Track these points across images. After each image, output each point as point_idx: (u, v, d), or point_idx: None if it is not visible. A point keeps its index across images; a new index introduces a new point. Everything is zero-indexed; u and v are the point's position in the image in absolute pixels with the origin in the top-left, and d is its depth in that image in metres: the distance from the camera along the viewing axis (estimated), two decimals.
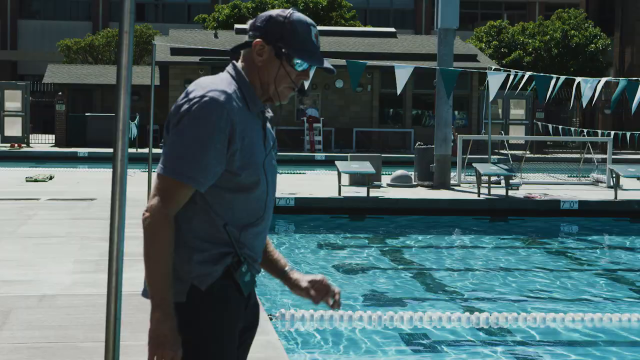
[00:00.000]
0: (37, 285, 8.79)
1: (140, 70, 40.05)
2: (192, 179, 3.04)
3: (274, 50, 3.18)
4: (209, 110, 3.05)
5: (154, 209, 3.05)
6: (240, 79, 3.21)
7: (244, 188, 3.15)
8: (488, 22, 50.37)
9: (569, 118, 43.94)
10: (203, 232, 3.13)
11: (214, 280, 3.12)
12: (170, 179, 3.05)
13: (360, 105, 39.33)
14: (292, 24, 3.19)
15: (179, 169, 3.04)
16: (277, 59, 3.19)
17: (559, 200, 18.04)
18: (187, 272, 3.11)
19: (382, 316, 9.16)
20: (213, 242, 3.13)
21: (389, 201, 17.85)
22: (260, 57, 3.20)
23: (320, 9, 48.56)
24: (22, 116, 37.96)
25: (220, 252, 3.14)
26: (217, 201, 3.12)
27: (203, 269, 3.11)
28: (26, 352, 6.38)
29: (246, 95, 3.19)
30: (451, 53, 20.47)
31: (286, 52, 3.18)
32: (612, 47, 48.29)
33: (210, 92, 3.08)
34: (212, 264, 3.13)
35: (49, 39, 58.37)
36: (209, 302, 3.12)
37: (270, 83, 3.23)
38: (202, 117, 3.05)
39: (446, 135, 20.45)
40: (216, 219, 3.13)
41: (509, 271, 12.95)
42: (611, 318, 9.32)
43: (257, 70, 3.22)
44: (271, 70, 3.21)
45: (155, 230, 3.05)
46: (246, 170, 3.12)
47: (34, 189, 18.99)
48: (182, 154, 3.05)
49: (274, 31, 3.18)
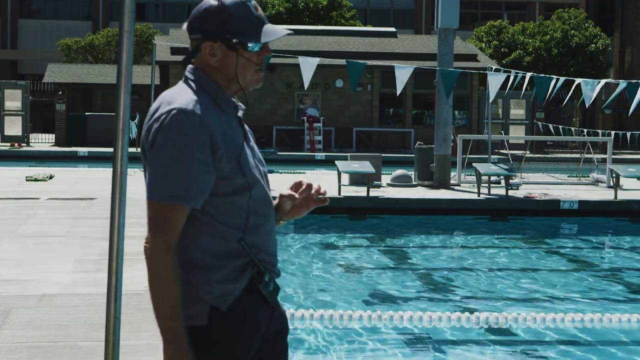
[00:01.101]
0: (37, 284, 8.79)
1: (140, 70, 40.04)
2: (183, 198, 2.87)
3: (224, 45, 3.02)
4: (180, 122, 2.88)
5: (152, 240, 2.88)
6: (203, 82, 3.04)
7: (242, 189, 3.00)
8: (488, 22, 50.36)
9: (569, 118, 43.95)
10: (214, 247, 2.97)
11: (235, 298, 2.98)
12: (160, 203, 2.88)
13: (360, 105, 39.32)
14: (227, 11, 3.01)
15: (167, 191, 2.87)
16: (232, 51, 3.03)
17: (559, 200, 18.04)
18: (207, 292, 2.96)
19: (382, 315, 9.16)
20: (228, 256, 2.98)
21: (389, 201, 17.85)
22: (214, 57, 3.04)
23: (320, 9, 48.56)
24: (22, 115, 37.95)
25: (238, 266, 2.99)
26: (220, 210, 2.98)
27: (224, 289, 2.97)
28: (26, 352, 6.38)
29: (215, 97, 3.03)
30: (451, 53, 20.47)
31: (237, 42, 3.02)
32: (612, 47, 48.28)
33: (176, 103, 2.92)
34: (232, 282, 2.98)
35: (49, 38, 58.39)
36: (234, 321, 2.99)
37: (234, 77, 3.06)
38: (175, 131, 2.87)
39: (446, 135, 20.45)
40: (224, 230, 2.98)
41: (509, 271, 12.95)
42: (611, 318, 9.32)
43: (216, 69, 3.06)
44: (230, 64, 3.04)
45: (156, 261, 2.87)
46: (239, 171, 2.98)
47: (34, 188, 18.98)
48: (165, 174, 2.87)
49: (214, 26, 3.01)
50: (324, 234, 15.94)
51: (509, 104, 40.81)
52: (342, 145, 37.76)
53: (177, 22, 56.20)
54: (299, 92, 38.35)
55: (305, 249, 14.29)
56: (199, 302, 2.95)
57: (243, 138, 3.07)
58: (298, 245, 14.54)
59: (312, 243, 14.90)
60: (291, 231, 15.83)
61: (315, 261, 13.25)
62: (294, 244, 14.57)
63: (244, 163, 3.01)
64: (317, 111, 38.19)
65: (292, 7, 48.07)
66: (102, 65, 43.93)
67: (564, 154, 35.25)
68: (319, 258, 13.59)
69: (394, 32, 43.31)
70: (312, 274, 12.27)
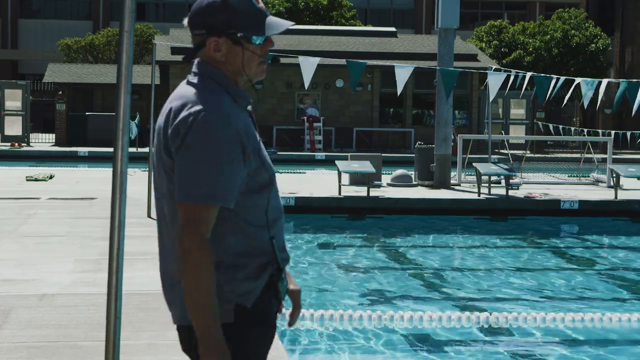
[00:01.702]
0: (38, 284, 8.80)
1: (140, 70, 40.04)
2: (219, 198, 2.88)
3: (229, 40, 3.03)
4: (211, 123, 2.89)
5: (188, 239, 2.86)
6: (218, 76, 3.05)
7: (265, 185, 3.03)
8: (488, 21, 50.34)
9: (569, 118, 43.95)
10: (238, 246, 2.98)
11: (258, 295, 3.01)
12: (196, 205, 2.87)
13: (360, 105, 39.31)
14: (231, 5, 3.02)
15: (203, 191, 2.87)
16: (237, 46, 3.03)
17: (559, 200, 18.04)
18: (230, 291, 2.97)
19: (382, 316, 9.16)
20: (251, 254, 3.00)
21: (389, 201, 17.85)
22: (219, 52, 3.04)
23: (320, 9, 48.56)
24: (22, 115, 37.95)
25: (261, 264, 3.02)
26: (245, 208, 2.99)
27: (246, 287, 2.99)
28: (26, 352, 6.38)
29: (231, 92, 3.05)
30: (451, 53, 20.47)
31: (242, 35, 3.02)
32: (612, 47, 48.27)
33: (204, 104, 2.93)
34: (254, 280, 3.00)
35: (50, 38, 58.38)
36: (255, 319, 3.02)
37: (241, 70, 3.06)
38: (207, 132, 2.88)
39: (446, 135, 20.45)
40: (247, 228, 3.00)
41: (509, 271, 12.95)
42: (611, 318, 9.31)
43: (222, 65, 3.06)
44: (236, 58, 3.05)
45: (195, 260, 2.85)
46: (262, 167, 3.01)
47: (34, 188, 18.99)
48: (200, 175, 2.87)
49: (218, 21, 3.02)
50: (324, 234, 15.94)
51: (509, 103, 40.81)
52: (342, 145, 37.76)
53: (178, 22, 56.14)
54: (299, 91, 38.35)
55: (305, 249, 14.28)
56: (223, 301, 2.96)
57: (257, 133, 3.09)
58: (298, 245, 14.53)
59: (312, 243, 14.89)
60: (291, 231, 15.83)
61: (315, 261, 13.25)
62: (294, 244, 14.57)
63: (264, 157, 3.04)
64: (318, 111, 38.19)
65: (292, 6, 48.08)
66: (103, 65, 43.94)
67: (564, 154, 35.25)
68: (319, 258, 13.58)
69: (394, 32, 43.31)
70: (312, 274, 12.26)
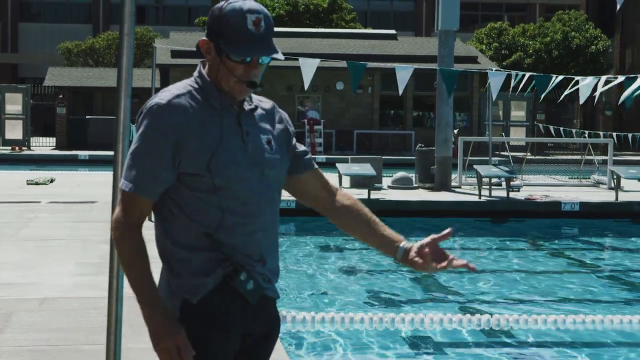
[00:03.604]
0: (39, 287, 8.80)
1: (140, 73, 40.04)
2: (139, 187, 2.97)
3: (213, 48, 3.05)
4: (151, 116, 2.98)
5: (115, 220, 3.01)
6: (201, 76, 3.09)
7: (219, 188, 2.98)
8: (488, 23, 50.36)
9: (569, 119, 43.95)
10: (184, 241, 3.00)
11: (207, 292, 2.98)
12: (123, 191, 2.99)
13: (360, 107, 39.32)
14: (225, 17, 3.02)
15: (128, 178, 2.98)
16: (218, 57, 3.05)
17: (560, 202, 18.04)
18: (179, 285, 3.00)
19: (383, 318, 9.16)
20: (196, 248, 2.99)
21: (390, 203, 17.85)
22: (209, 55, 3.08)
23: (320, 11, 48.59)
24: (22, 119, 37.97)
25: (209, 259, 2.98)
26: (193, 206, 2.99)
27: (194, 281, 2.98)
28: (28, 355, 6.38)
29: (207, 92, 3.05)
30: (452, 55, 20.47)
31: (223, 49, 3.03)
32: (612, 49, 48.29)
33: (158, 97, 3.01)
34: (203, 276, 2.98)
35: (50, 41, 58.40)
36: (202, 318, 2.99)
37: (217, 80, 3.07)
38: (146, 124, 2.98)
39: (447, 137, 20.45)
40: (194, 225, 2.99)
41: (510, 273, 12.95)
42: (612, 320, 9.31)
43: (211, 67, 3.09)
44: (214, 67, 3.07)
45: (118, 240, 2.99)
46: (217, 169, 2.97)
47: (34, 192, 18.99)
48: (130, 164, 2.99)
49: (213, 27, 3.05)
50: (326, 237, 15.94)
51: (510, 105, 40.82)
52: (342, 147, 37.76)
53: (178, 25, 56.23)
54: (300, 94, 38.36)
55: (307, 252, 14.29)
56: (172, 295, 2.99)
57: (240, 135, 3.04)
58: (299, 248, 14.54)
59: (313, 245, 14.90)
60: (292, 233, 15.84)
61: (316, 264, 13.25)
62: (295, 247, 14.57)
63: (218, 163, 2.98)
64: (318, 113, 38.19)
65: (292, 9, 48.10)
66: (103, 69, 43.96)
67: (564, 156, 35.26)
68: (321, 260, 13.59)
69: (394, 35, 43.32)
70: (314, 276, 12.26)
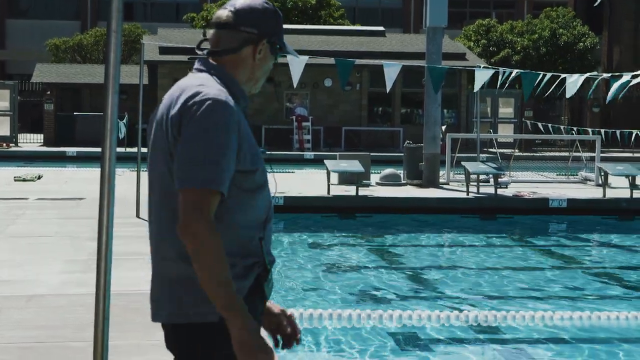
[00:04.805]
0: (26, 285, 8.78)
1: (128, 70, 39.96)
2: (216, 183, 2.90)
3: (269, 47, 3.14)
4: (217, 112, 2.93)
5: (194, 223, 2.87)
6: (225, 77, 3.11)
7: (260, 186, 3.08)
8: (477, 20, 50.41)
9: (557, 116, 44.03)
10: (230, 246, 2.97)
11: (244, 295, 2.99)
12: (196, 189, 2.89)
13: (349, 104, 39.33)
14: (279, 19, 3.16)
15: (202, 176, 2.89)
16: (272, 55, 3.15)
17: (548, 199, 18.08)
18: None
19: (372, 314, 9.17)
20: (242, 255, 3.02)
21: (378, 200, 17.86)
22: (259, 55, 3.13)
23: (309, 8, 48.56)
24: (10, 115, 37.83)
25: (248, 265, 3.03)
26: (239, 207, 3.01)
27: (234, 286, 2.95)
28: (16, 352, 6.37)
29: (236, 92, 3.09)
30: (440, 51, 20.49)
31: (279, 48, 3.15)
32: (600, 46, 48.40)
33: (208, 93, 2.97)
34: (242, 279, 3.00)
35: (38, 38, 58.18)
36: None
37: (261, 77, 3.18)
38: (210, 119, 2.92)
39: (435, 134, 20.47)
40: (240, 229, 3.01)
41: (498, 269, 12.98)
42: (599, 316, 9.35)
43: (248, 67, 3.14)
44: (265, 65, 3.16)
45: (207, 240, 2.86)
46: (258, 167, 3.05)
47: (22, 189, 18.94)
48: (203, 160, 2.90)
49: (271, 28, 3.12)
50: (314, 233, 15.95)
51: (498, 102, 40.88)
52: (331, 144, 37.75)
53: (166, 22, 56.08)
54: (288, 91, 38.34)
55: (295, 248, 14.29)
56: (208, 301, 2.94)
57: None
58: (288, 245, 14.53)
59: (301, 242, 14.90)
60: (281, 230, 15.83)
61: (304, 260, 13.25)
62: (284, 243, 14.57)
63: (260, 159, 3.08)
64: (306, 110, 38.17)
65: (281, 6, 48.07)
66: (91, 65, 43.84)
67: (552, 152, 35.33)
68: (309, 257, 13.59)
69: (383, 31, 43.33)
70: (302, 273, 12.26)
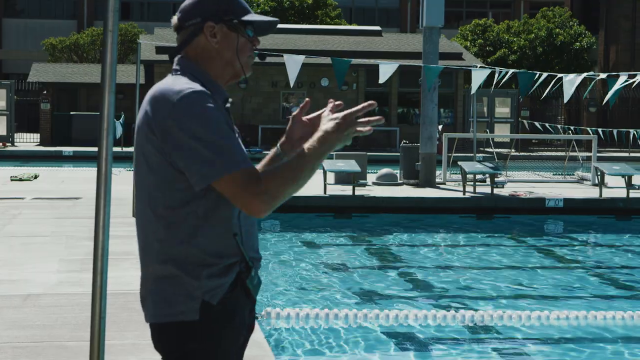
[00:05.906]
0: (22, 284, 8.77)
1: (125, 69, 39.95)
2: (242, 162, 2.88)
3: (225, 26, 3.08)
4: (196, 102, 2.89)
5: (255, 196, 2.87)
6: (195, 70, 3.07)
7: None
8: (473, 20, 50.47)
9: (554, 116, 44.08)
10: (211, 245, 2.97)
11: (224, 292, 2.97)
12: (229, 174, 2.86)
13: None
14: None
15: (225, 163, 2.86)
16: (233, 32, 3.09)
17: (544, 198, 18.09)
18: (197, 288, 2.95)
19: (368, 314, 9.16)
20: (223, 254, 2.98)
21: (375, 199, 17.87)
22: (215, 38, 3.08)
23: (305, 7, 48.56)
24: (6, 115, 37.83)
25: (228, 264, 2.99)
26: (222, 204, 2.96)
27: (213, 283, 2.96)
28: (11, 352, 6.36)
29: (209, 87, 3.02)
30: (436, 51, 20.50)
31: (237, 22, 3.09)
32: (596, 46, 48.43)
33: (181, 90, 2.92)
34: (222, 276, 2.97)
35: (34, 37, 58.20)
36: (222, 317, 2.98)
37: (235, 59, 3.11)
38: (194, 109, 2.88)
39: (431, 134, 20.48)
40: (221, 228, 2.98)
41: (495, 269, 12.98)
42: (596, 316, 9.35)
43: (214, 54, 3.09)
44: (231, 45, 3.09)
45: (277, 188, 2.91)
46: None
47: (18, 188, 18.92)
48: (218, 149, 2.86)
49: (215, 8, 3.08)
50: (310, 233, 15.94)
51: (494, 102, 40.90)
52: None
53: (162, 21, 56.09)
54: (285, 90, 38.34)
55: (291, 248, 14.28)
56: (189, 298, 2.95)
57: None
58: (284, 244, 14.53)
59: (298, 242, 14.90)
60: (277, 229, 15.83)
61: (300, 260, 13.25)
62: (280, 243, 14.57)
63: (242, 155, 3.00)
64: None
65: (277, 5, 48.05)
66: (87, 65, 43.82)
67: (549, 152, 35.35)
68: (305, 257, 13.58)
69: (379, 31, 43.34)
70: (298, 272, 12.26)
